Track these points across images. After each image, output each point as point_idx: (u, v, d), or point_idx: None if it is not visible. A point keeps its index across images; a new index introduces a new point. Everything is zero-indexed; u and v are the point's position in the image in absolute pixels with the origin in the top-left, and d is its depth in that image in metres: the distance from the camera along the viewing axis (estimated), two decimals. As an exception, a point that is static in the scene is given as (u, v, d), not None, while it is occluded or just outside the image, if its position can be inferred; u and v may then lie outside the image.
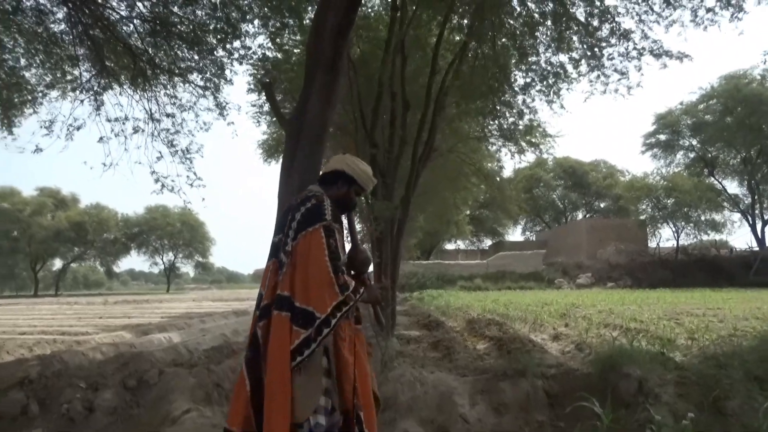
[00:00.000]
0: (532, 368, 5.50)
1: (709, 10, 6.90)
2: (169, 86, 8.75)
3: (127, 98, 8.73)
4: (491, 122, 10.57)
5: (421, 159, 9.39)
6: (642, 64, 7.77)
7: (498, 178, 17.38)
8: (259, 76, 10.02)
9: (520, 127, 10.07)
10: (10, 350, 9.06)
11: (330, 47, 3.43)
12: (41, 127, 8.41)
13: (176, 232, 56.67)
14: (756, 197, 33.27)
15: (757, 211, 33.52)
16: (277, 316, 2.51)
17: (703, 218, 31.12)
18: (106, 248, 54.52)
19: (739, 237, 74.72)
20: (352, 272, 2.72)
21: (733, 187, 34.74)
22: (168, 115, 8.75)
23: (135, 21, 8.08)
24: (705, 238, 32.78)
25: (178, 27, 8.11)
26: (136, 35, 8.22)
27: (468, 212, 29.78)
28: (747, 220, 33.71)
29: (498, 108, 9.50)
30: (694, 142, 34.19)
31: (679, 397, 4.46)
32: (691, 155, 34.90)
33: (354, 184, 2.80)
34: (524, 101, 9.29)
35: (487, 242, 50.51)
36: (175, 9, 8.07)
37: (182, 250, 59.91)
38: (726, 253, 33.54)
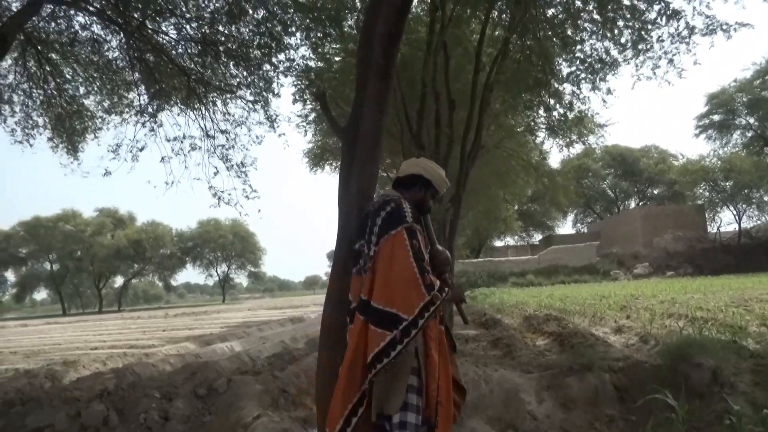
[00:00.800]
0: (597, 362, 5.42)
1: None
2: (220, 103, 9.08)
3: (184, 118, 9.10)
4: (539, 115, 10.43)
5: (470, 157, 9.37)
6: (692, 45, 7.50)
7: (547, 170, 17.13)
8: (303, 86, 10.24)
9: (570, 118, 9.88)
10: (86, 365, 9.55)
11: (381, 54, 3.48)
12: (108, 151, 8.86)
13: (228, 244, 58.31)
14: (823, 172, 31.48)
15: (823, 188, 31.72)
16: (358, 319, 2.63)
17: (765, 199, 29.67)
18: (163, 263, 56.62)
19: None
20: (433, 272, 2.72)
21: (796, 163, 32.99)
22: (222, 132, 9.07)
23: (184, 43, 8.41)
24: (769, 219, 31.27)
25: (225, 45, 8.39)
26: (186, 56, 8.55)
27: (516, 207, 29.38)
28: (815, 198, 31.93)
29: (546, 100, 9.36)
30: (752, 120, 32.60)
31: (756, 386, 4.33)
32: (749, 134, 33.28)
33: (430, 187, 2.90)
34: (573, 92, 9.13)
35: (537, 237, 49.69)
36: (221, 28, 8.35)
37: (235, 261, 61.59)
38: (793, 234, 31.89)
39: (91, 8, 7.86)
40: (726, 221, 31.78)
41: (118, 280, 61.56)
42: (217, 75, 8.83)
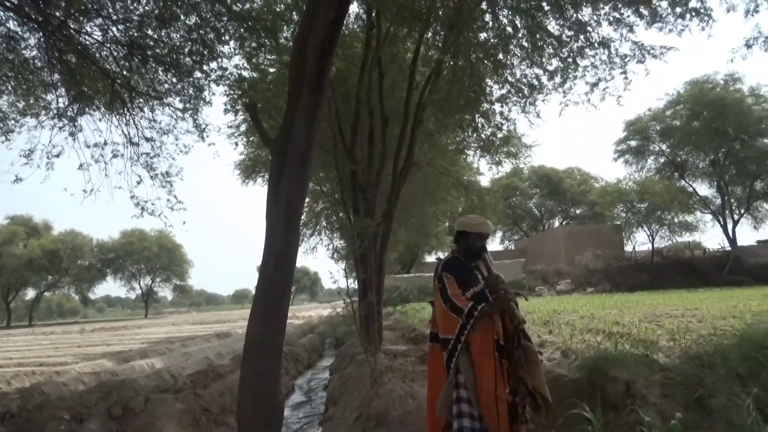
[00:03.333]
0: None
1: (681, 16, 7.11)
2: (146, 109, 8.73)
3: (106, 123, 8.69)
4: (470, 134, 10.71)
5: (402, 173, 9.48)
6: (628, 71, 7.93)
7: (477, 188, 17.58)
8: (235, 96, 10.05)
9: (499, 137, 10.22)
10: (-12, 384, 8.84)
11: (314, 68, 3.48)
12: (21, 155, 8.30)
13: (153, 256, 55.77)
14: (725, 198, 34.09)
15: (727, 212, 34.34)
16: (430, 347, 3.91)
17: (676, 220, 31.70)
18: (80, 275, 53.24)
19: (712, 238, 76.46)
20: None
21: (703, 189, 35.54)
22: (147, 139, 8.71)
23: (110, 45, 8.05)
24: (679, 240, 33.43)
25: (154, 50, 8.10)
26: (111, 59, 8.18)
27: (447, 223, 29.95)
28: (718, 221, 34.48)
29: (477, 120, 9.63)
30: (664, 147, 34.97)
31: (666, 398, 4.56)
32: (662, 160, 35.65)
33: (469, 235, 3.73)
34: (502, 113, 9.44)
35: (467, 253, 50.61)
36: (150, 32, 8.06)
37: (160, 274, 58.91)
38: (699, 254, 34.19)
39: (8, 3, 7.38)
40: (641, 241, 33.64)
41: (30, 293, 57.47)
42: (144, 80, 8.50)
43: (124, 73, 8.24)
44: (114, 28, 7.96)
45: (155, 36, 8.06)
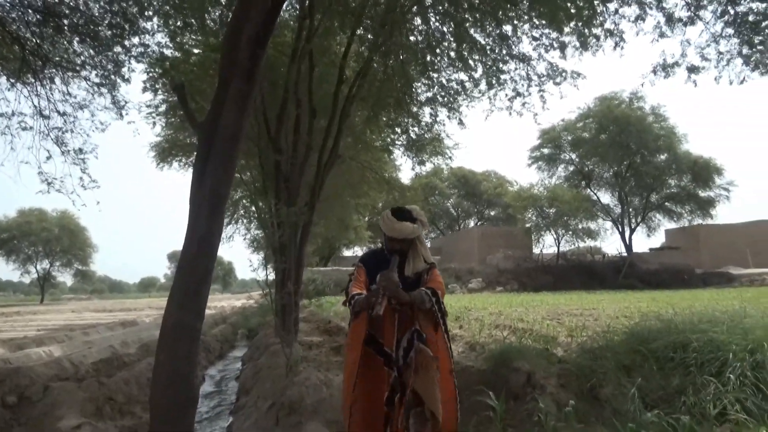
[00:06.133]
0: (430, 367, 5.82)
1: (596, 36, 7.68)
2: (60, 81, 8.19)
3: (14, 93, 8.07)
4: (397, 133, 10.91)
5: (326, 165, 9.52)
6: (535, 88, 8.45)
7: (398, 185, 17.88)
8: (156, 75, 9.66)
9: (426, 138, 10.49)
10: None
11: (247, 56, 3.48)
12: None
13: (53, 238, 51.79)
14: (625, 207, 36.78)
15: (625, 220, 37.05)
16: None
17: (580, 226, 33.73)
18: (-40, 255, 48.63)
19: (611, 244, 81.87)
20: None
21: (605, 198, 38.06)
22: (60, 113, 8.18)
23: (22, 9, 7.49)
24: (581, 244, 35.63)
25: (71, 18, 7.63)
26: (23, 24, 7.61)
27: (367, 218, 30.18)
28: (617, 228, 37.10)
29: (404, 120, 9.84)
30: (573, 157, 37.14)
31: (561, 387, 4.94)
32: (571, 168, 37.85)
33: (383, 233, 3.46)
34: (430, 114, 9.71)
35: (385, 248, 51.23)
36: (67, -1, 7.61)
37: (60, 258, 54.86)
38: (599, 258, 36.64)
39: None
40: (548, 244, 35.59)
41: None
42: (58, 49, 7.98)
43: (36, 40, 7.69)
44: (27, -9, 7.44)
45: (72, 4, 7.60)
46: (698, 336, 4.69)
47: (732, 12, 7.07)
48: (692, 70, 7.69)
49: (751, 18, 7.01)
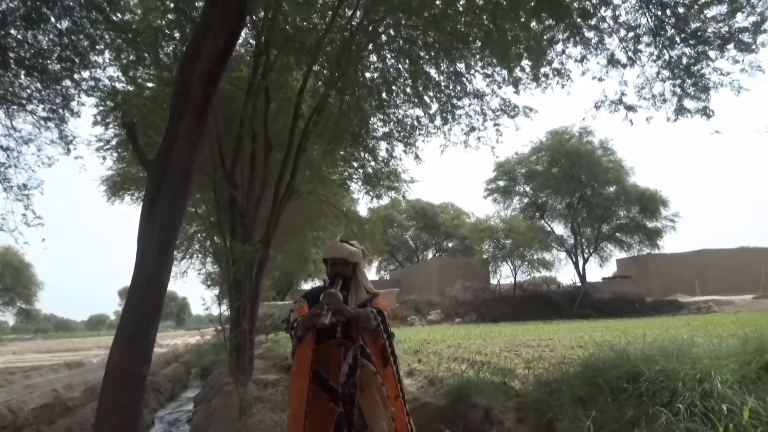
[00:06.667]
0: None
1: (545, 75, 8.01)
2: (4, 115, 7.91)
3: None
4: (354, 168, 10.95)
5: (282, 200, 9.43)
6: (490, 122, 8.69)
7: (356, 217, 17.89)
8: (108, 109, 9.46)
9: (383, 172, 10.57)
10: None
11: (199, 94, 3.44)
12: None
13: (-5, 276, 49.31)
14: (578, 238, 37.80)
15: (578, 250, 38.02)
16: None
17: (535, 257, 34.41)
18: None
19: (565, 274, 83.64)
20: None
21: (559, 229, 39.03)
22: (3, 148, 7.88)
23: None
24: (537, 275, 36.26)
25: (17, 51, 7.43)
26: (-35, 57, 7.36)
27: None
28: (571, 259, 38.02)
29: (361, 155, 9.91)
30: (528, 189, 38.11)
31: (519, 422, 4.94)
32: (525, 200, 38.76)
33: (326, 262, 3.42)
34: (387, 150, 9.81)
35: (343, 281, 50.81)
36: (13, 31, 7.40)
37: (1, 296, 52.07)
38: (555, 288, 37.33)
39: None
40: (505, 275, 36.06)
41: None
42: (2, 83, 7.73)
43: (-21, 73, 7.45)
44: (-30, 23, 7.20)
45: (19, 36, 7.40)
46: (650, 366, 4.78)
47: (666, 56, 7.51)
48: (629, 108, 8.13)
49: (684, 61, 7.47)
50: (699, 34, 7.06)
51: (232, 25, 3.39)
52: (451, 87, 8.36)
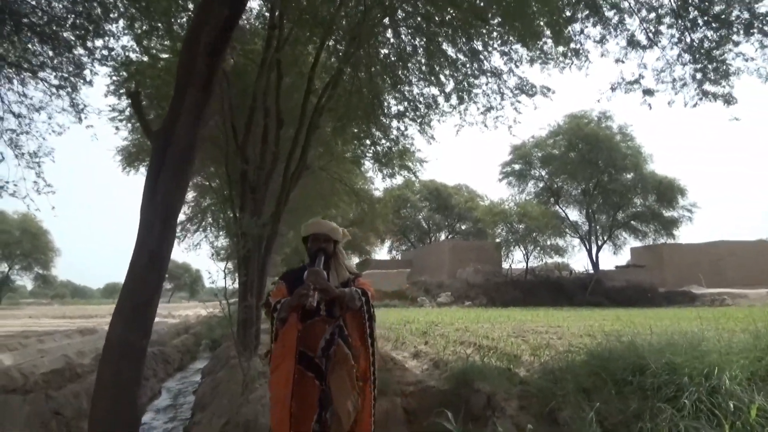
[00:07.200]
0: (392, 386, 5.72)
1: (564, 54, 7.80)
2: (16, 82, 7.89)
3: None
4: (366, 145, 10.84)
5: (293, 176, 9.38)
6: (508, 101, 8.50)
7: (368, 196, 17.83)
8: (121, 79, 9.42)
9: (394, 151, 10.44)
10: None
11: (204, 65, 3.36)
12: None
13: (13, 241, 50.21)
14: (592, 225, 37.44)
15: (592, 237, 37.68)
16: None
17: (548, 243, 34.20)
18: None
19: (578, 260, 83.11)
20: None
21: (574, 215, 38.71)
22: (15, 115, 7.88)
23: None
24: (549, 260, 36.08)
25: (30, 18, 7.38)
26: (-23, 21, 7.32)
27: (345, 230, 30.04)
28: (584, 245, 37.75)
29: (373, 132, 9.78)
30: (543, 173, 37.72)
31: (521, 410, 4.88)
32: (540, 185, 38.41)
33: (307, 239, 3.35)
34: (398, 128, 9.67)
35: (355, 260, 51.13)
36: (27, -2, 7.35)
37: (19, 261, 53.12)
38: (567, 274, 37.08)
39: None
40: (517, 259, 36.01)
41: None
42: (15, 49, 7.70)
43: (-8, 38, 7.42)
44: (-16, -12, 7.15)
45: (33, 2, 7.35)
46: (656, 359, 4.68)
47: (688, 39, 7.26)
48: (647, 92, 7.89)
49: (706, 45, 7.21)
50: (723, 16, 6.80)
51: (239, -7, 3.31)
52: (467, 65, 8.17)
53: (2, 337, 14.66)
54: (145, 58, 9.19)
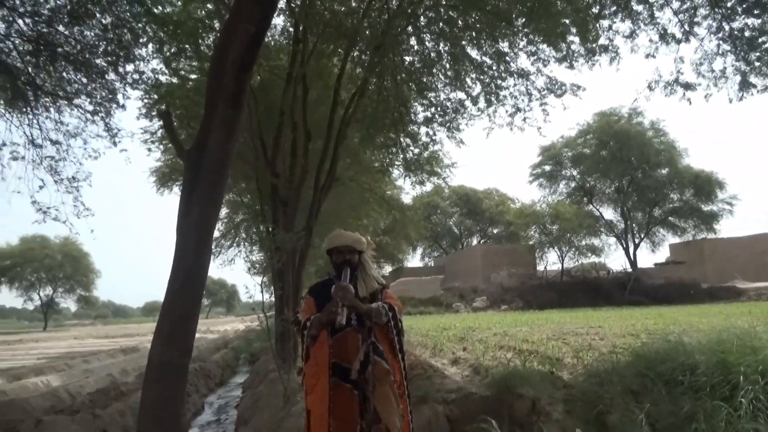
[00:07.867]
0: (432, 394, 5.65)
1: (592, 51, 7.63)
2: (53, 110, 8.15)
3: (5, 122, 8.02)
4: (395, 153, 10.83)
5: (323, 188, 9.44)
6: (536, 102, 8.39)
7: (399, 205, 17.81)
8: (151, 101, 9.64)
9: (423, 158, 10.42)
10: None
11: (232, 82, 3.39)
12: None
13: (56, 265, 51.79)
14: (628, 223, 36.64)
15: (629, 236, 36.85)
16: None
17: (583, 243, 33.64)
18: (-36, 283, 48.50)
19: (615, 260, 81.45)
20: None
21: (608, 213, 37.99)
22: (52, 142, 8.13)
23: (14, 38, 7.47)
24: (585, 261, 35.43)
25: (64, 47, 7.62)
26: (15, 54, 7.59)
27: (369, 239, 30.13)
28: (621, 244, 36.95)
29: (401, 140, 9.78)
30: (575, 173, 37.14)
31: (567, 414, 4.75)
32: (572, 185, 37.81)
33: (330, 253, 3.35)
34: (427, 134, 9.65)
35: (388, 268, 51.12)
36: (61, 28, 7.59)
37: (62, 284, 54.72)
38: (604, 274, 36.34)
39: None
40: (552, 261, 35.38)
41: None
42: (51, 79, 7.96)
43: (29, 69, 7.67)
44: (20, 21, 7.42)
45: (66, 33, 7.59)
46: (707, 357, 4.51)
47: (727, 28, 7.01)
48: (687, 87, 7.61)
49: (747, 34, 6.94)
50: (764, 2, 6.53)
51: (263, 9, 3.32)
52: (494, 68, 8.10)
53: (50, 359, 15.10)
54: (175, 80, 9.40)
